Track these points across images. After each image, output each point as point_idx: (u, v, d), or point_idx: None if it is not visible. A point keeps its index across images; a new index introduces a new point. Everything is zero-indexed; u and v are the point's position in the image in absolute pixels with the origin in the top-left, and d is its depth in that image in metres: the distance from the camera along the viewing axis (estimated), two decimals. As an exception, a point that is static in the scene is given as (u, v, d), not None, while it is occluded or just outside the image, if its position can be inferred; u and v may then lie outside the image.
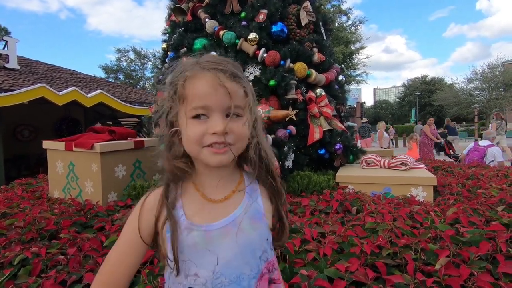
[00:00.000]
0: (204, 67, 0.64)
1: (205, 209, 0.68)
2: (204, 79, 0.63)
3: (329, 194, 2.50)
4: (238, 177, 0.73)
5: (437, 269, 1.24)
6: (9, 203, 2.62)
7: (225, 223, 0.66)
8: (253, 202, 0.70)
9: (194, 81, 0.63)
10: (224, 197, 0.69)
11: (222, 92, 0.62)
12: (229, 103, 0.62)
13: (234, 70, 0.65)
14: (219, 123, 0.61)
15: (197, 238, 0.65)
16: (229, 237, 0.66)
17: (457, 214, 1.86)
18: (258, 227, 0.69)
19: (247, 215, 0.68)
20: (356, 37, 22.02)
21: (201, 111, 0.62)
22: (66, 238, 1.75)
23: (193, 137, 0.62)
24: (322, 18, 3.59)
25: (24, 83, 6.80)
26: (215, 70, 0.63)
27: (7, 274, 1.32)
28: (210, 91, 0.62)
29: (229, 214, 0.67)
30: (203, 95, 0.62)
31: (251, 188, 0.72)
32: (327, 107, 3.17)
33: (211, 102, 0.62)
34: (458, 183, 3.03)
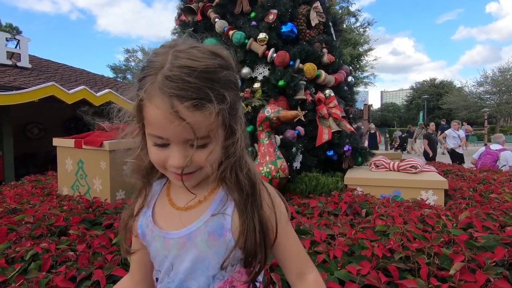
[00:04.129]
0: (162, 86, 0.50)
1: (169, 215, 0.65)
2: (157, 108, 0.51)
3: (337, 196, 2.47)
4: (214, 185, 0.65)
5: (451, 274, 1.21)
6: (19, 199, 2.65)
7: (181, 234, 0.62)
8: (219, 214, 0.61)
9: (148, 105, 0.53)
10: (187, 206, 0.64)
11: (179, 125, 0.50)
12: (189, 136, 0.53)
13: (200, 91, 0.50)
14: (177, 158, 0.54)
15: (157, 242, 0.64)
16: (184, 250, 0.62)
17: (470, 219, 1.82)
18: (215, 244, 0.60)
19: (206, 229, 0.61)
20: (364, 39, 21.89)
21: (158, 141, 0.55)
22: (75, 234, 1.76)
23: (155, 162, 0.58)
24: (332, 18, 3.57)
25: (35, 82, 6.91)
26: (172, 96, 0.50)
27: (17, 268, 1.33)
28: (164, 122, 0.51)
29: (187, 226, 0.62)
30: (158, 126, 0.53)
31: (223, 199, 0.63)
32: (336, 108, 3.15)
33: (167, 134, 0.53)
34: (470, 187, 2.97)
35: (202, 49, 0.54)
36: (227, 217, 0.61)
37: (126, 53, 32.14)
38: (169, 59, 0.52)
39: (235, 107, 0.57)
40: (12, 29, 27.77)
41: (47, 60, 9.93)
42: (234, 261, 0.62)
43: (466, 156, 7.75)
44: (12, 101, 5.69)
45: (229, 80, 0.55)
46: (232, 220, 0.61)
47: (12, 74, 7.06)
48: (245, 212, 0.59)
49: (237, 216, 0.60)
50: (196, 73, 0.50)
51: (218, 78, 0.52)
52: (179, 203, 0.65)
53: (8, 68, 7.33)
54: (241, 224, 0.59)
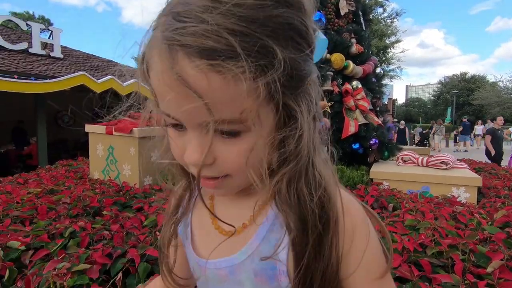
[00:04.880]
0: (164, 30, 0.32)
1: (207, 233, 0.49)
2: (155, 67, 0.33)
3: (363, 189, 2.43)
4: (264, 196, 0.43)
5: (489, 272, 1.17)
6: (55, 181, 2.80)
7: (219, 265, 0.46)
8: (270, 248, 0.41)
9: (150, 63, 0.34)
10: (230, 231, 0.45)
11: (183, 96, 0.31)
12: (204, 116, 0.32)
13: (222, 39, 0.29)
14: (191, 149, 0.36)
15: (192, 262, 0.51)
16: (226, 283, 0.46)
17: (507, 218, 1.73)
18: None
19: (251, 266, 0.43)
20: (391, 30, 21.05)
21: (170, 121, 0.37)
22: (108, 215, 1.84)
23: (173, 153, 0.41)
24: (361, 7, 3.45)
25: (66, 71, 7.22)
26: (174, 45, 0.30)
27: (59, 243, 1.42)
28: (164, 91, 0.33)
29: (228, 255, 0.45)
30: (159, 95, 0.35)
31: (276, 223, 0.42)
32: (364, 100, 3.07)
33: (172, 110, 0.35)
34: (505, 186, 2.83)
35: None
36: (282, 252, 0.41)
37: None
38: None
39: (297, 76, 0.34)
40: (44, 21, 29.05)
41: (77, 50, 10.32)
42: None
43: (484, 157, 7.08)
44: (46, 89, 5.99)
45: (289, 25, 0.32)
46: (288, 257, 0.40)
47: (45, 63, 7.41)
48: (304, 254, 0.38)
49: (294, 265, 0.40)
50: (222, 7, 0.29)
51: (266, 18, 0.30)
52: (223, 216, 0.44)
53: (42, 58, 7.69)
54: (296, 269, 0.39)
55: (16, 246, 1.37)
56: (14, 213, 1.80)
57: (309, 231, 0.38)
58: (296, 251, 0.39)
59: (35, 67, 6.85)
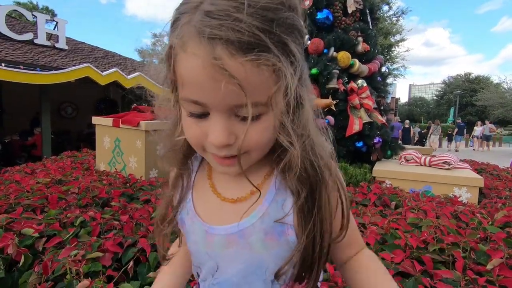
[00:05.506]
0: (200, 26, 0.36)
1: (212, 205, 0.53)
2: (194, 58, 0.37)
3: (366, 187, 2.46)
4: (267, 168, 0.51)
5: (489, 269, 1.20)
6: (63, 172, 2.85)
7: (230, 230, 0.50)
8: (277, 209, 0.49)
9: (181, 54, 0.38)
10: (237, 198, 0.51)
11: (223, 83, 0.36)
12: (237, 100, 0.38)
13: (255, 34, 0.35)
14: (218, 132, 0.40)
15: (197, 236, 0.53)
16: (233, 249, 0.50)
17: (508, 218, 1.76)
18: (274, 246, 0.49)
19: (262, 226, 0.49)
20: (396, 28, 20.91)
21: (195, 108, 0.41)
22: (117, 206, 1.89)
23: (191, 139, 0.45)
24: (369, 6, 3.45)
25: (71, 63, 7.24)
26: (215, 39, 0.35)
27: (71, 232, 1.46)
28: (203, 79, 0.37)
29: (238, 221, 0.49)
30: (194, 85, 0.38)
31: (281, 188, 0.50)
32: (368, 99, 3.09)
33: (207, 97, 0.39)
34: (506, 187, 2.86)
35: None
36: (288, 211, 0.48)
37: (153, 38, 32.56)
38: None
39: (301, 66, 0.42)
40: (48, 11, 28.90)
41: (82, 42, 10.33)
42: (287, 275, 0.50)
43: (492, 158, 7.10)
44: (51, 80, 6.02)
45: (294, 26, 0.40)
46: (295, 214, 0.48)
47: (51, 54, 7.43)
48: (307, 212, 0.46)
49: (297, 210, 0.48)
50: (250, 9, 0.35)
51: (280, 19, 0.37)
52: (225, 192, 0.52)
53: (47, 49, 7.71)
54: (301, 226, 0.47)
55: (30, 233, 1.42)
56: (25, 201, 1.84)
57: (313, 194, 0.46)
58: (304, 210, 0.46)
59: (41, 58, 6.87)
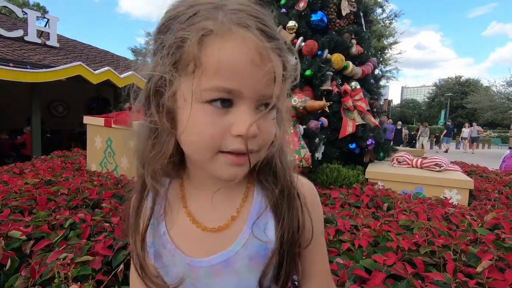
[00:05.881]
0: (237, 18, 0.38)
1: (192, 237, 0.50)
2: (241, 44, 0.37)
3: (359, 189, 2.47)
4: (243, 190, 0.51)
5: (479, 271, 1.22)
6: (52, 172, 2.79)
7: (215, 261, 0.48)
8: (260, 233, 0.48)
9: (220, 42, 0.37)
10: (218, 227, 0.49)
11: (265, 69, 0.38)
12: (267, 90, 0.40)
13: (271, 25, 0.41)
14: (249, 121, 0.39)
15: (180, 269, 0.50)
16: (220, 278, 0.49)
17: (497, 220, 1.79)
18: (259, 269, 0.49)
19: (246, 253, 0.48)
20: (389, 31, 21.14)
21: (225, 95, 0.39)
22: (108, 208, 1.86)
23: (208, 137, 0.40)
24: (363, 8, 3.48)
25: (62, 61, 7.12)
26: (259, 30, 0.38)
27: (60, 234, 1.43)
28: (250, 65, 0.38)
29: (221, 251, 0.48)
30: (236, 71, 0.38)
31: (260, 210, 0.49)
32: (362, 101, 3.11)
33: (244, 84, 0.38)
34: (495, 189, 2.91)
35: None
36: (269, 233, 0.49)
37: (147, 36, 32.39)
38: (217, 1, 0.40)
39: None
40: (40, 8, 28.43)
41: (74, 40, 10.17)
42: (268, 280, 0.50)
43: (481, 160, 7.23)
44: (42, 78, 5.91)
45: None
46: (275, 233, 0.48)
47: (41, 52, 7.29)
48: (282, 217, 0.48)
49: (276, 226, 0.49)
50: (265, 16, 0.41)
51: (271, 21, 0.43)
52: (204, 220, 0.50)
53: (38, 46, 7.57)
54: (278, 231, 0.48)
55: (17, 236, 1.38)
56: (13, 203, 1.80)
57: (285, 197, 0.48)
58: (277, 214, 0.48)
59: (31, 55, 6.74)
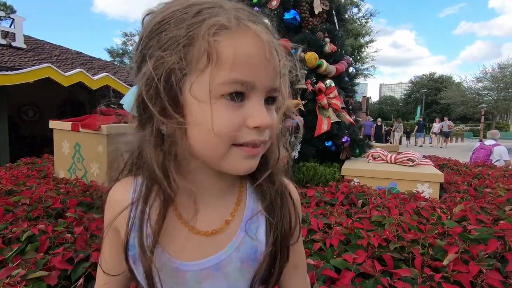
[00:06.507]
0: (243, 16, 0.40)
1: (181, 239, 0.47)
2: (255, 38, 0.40)
3: (334, 187, 2.49)
4: (236, 193, 0.51)
5: (445, 264, 1.24)
6: (16, 180, 2.63)
7: (205, 265, 0.47)
8: (252, 235, 0.49)
9: (234, 37, 0.39)
10: (212, 230, 0.48)
11: (274, 63, 0.42)
12: (274, 83, 0.43)
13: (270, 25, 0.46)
14: (264, 112, 0.41)
15: (165, 274, 0.47)
16: (209, 282, 0.48)
17: (464, 212, 1.84)
18: (250, 271, 0.49)
19: (238, 256, 0.48)
20: (366, 30, 21.67)
21: (240, 88, 0.40)
22: (72, 217, 1.76)
23: (226, 131, 0.40)
24: (336, 7, 3.51)
25: (30, 63, 6.77)
26: (264, 26, 0.42)
27: (15, 249, 1.33)
28: (262, 59, 0.40)
29: (213, 254, 0.47)
30: (251, 64, 0.39)
31: (253, 213, 0.50)
32: (336, 99, 3.13)
33: (259, 77, 0.40)
34: (464, 182, 3.01)
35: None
36: (261, 236, 0.49)
37: (123, 37, 31.47)
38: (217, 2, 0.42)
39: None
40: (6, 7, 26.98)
41: (43, 41, 9.70)
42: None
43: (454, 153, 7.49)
44: (7, 81, 5.58)
45: None
46: (266, 236, 0.49)
47: (6, 54, 6.90)
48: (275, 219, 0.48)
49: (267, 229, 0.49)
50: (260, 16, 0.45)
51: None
52: (201, 224, 0.48)
53: (2, 48, 7.16)
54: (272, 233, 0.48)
55: (-34, 253, 1.28)
56: (-34, 216, 1.66)
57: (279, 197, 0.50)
58: (270, 215, 0.48)
59: (-5, 57, 6.36)
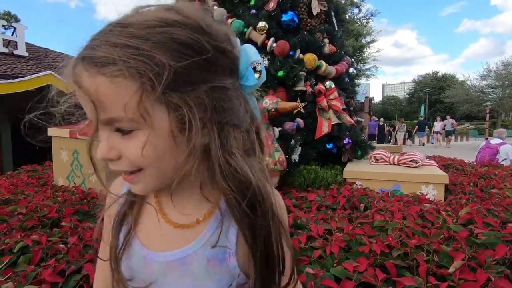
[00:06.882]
0: (78, 53, 0.40)
1: (154, 229, 0.51)
2: (65, 79, 0.42)
3: (336, 190, 2.43)
4: (214, 198, 0.51)
5: (451, 272, 1.18)
6: (14, 189, 2.61)
7: (170, 257, 0.49)
8: (221, 235, 0.49)
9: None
10: (181, 224, 0.50)
11: (83, 97, 0.39)
12: (95, 115, 0.39)
13: (108, 47, 0.37)
14: (100, 146, 0.43)
15: (134, 262, 0.50)
16: (174, 277, 0.49)
17: (470, 215, 1.78)
18: (216, 272, 0.49)
19: (204, 253, 0.49)
20: (367, 30, 21.60)
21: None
22: (67, 226, 1.72)
23: (98, 157, 0.46)
24: (334, 8, 3.46)
25: (32, 70, 6.82)
26: (78, 59, 0.39)
27: (6, 261, 1.30)
28: (80, 98, 0.41)
29: (180, 247, 0.49)
30: (82, 104, 0.43)
31: (225, 213, 0.50)
32: (337, 100, 3.08)
33: (87, 114, 0.42)
34: (470, 182, 2.93)
35: (146, 5, 0.43)
36: (231, 237, 0.49)
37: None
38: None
39: (184, 80, 0.39)
40: (10, 17, 27.36)
41: (45, 48, 9.78)
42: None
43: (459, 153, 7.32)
44: (9, 90, 5.62)
45: (177, 40, 0.38)
46: (237, 241, 0.49)
47: (8, 62, 6.96)
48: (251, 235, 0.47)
49: (240, 236, 0.48)
50: (112, 27, 0.38)
51: (149, 34, 0.37)
52: (170, 214, 0.51)
53: (4, 56, 7.22)
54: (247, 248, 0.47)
55: (-45, 266, 1.25)
56: (-41, 227, 1.64)
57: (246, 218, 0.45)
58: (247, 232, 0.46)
59: (-3, 66, 6.42)
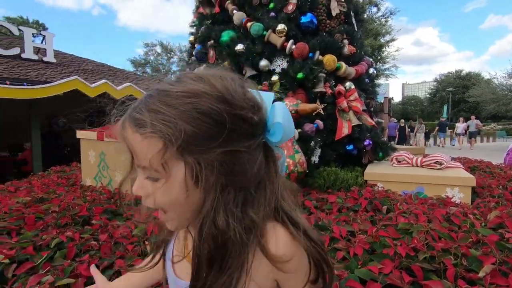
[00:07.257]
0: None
1: (184, 260, 0.59)
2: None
3: (357, 192, 2.41)
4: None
5: (481, 277, 1.15)
6: (46, 188, 2.76)
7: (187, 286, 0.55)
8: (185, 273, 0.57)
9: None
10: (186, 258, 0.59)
11: (126, 146, 0.50)
12: (132, 160, 0.51)
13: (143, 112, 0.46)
14: (135, 184, 0.51)
15: (170, 278, 0.61)
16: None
17: (501, 218, 1.71)
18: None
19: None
20: (386, 29, 21.12)
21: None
22: (98, 224, 1.81)
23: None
24: (353, 8, 3.44)
25: (59, 76, 7.16)
26: (126, 117, 0.49)
27: (44, 256, 1.39)
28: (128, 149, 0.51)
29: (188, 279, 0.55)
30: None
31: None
32: (357, 101, 3.05)
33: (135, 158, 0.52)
34: (499, 185, 2.82)
35: (186, 74, 0.50)
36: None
37: (145, 47, 32.64)
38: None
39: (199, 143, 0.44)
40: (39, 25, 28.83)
41: (71, 54, 10.25)
42: None
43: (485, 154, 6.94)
44: (39, 94, 5.93)
45: (199, 110, 0.44)
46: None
47: (38, 68, 7.34)
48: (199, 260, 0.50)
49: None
50: (155, 93, 0.47)
51: (178, 103, 0.45)
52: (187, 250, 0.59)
53: (35, 63, 7.62)
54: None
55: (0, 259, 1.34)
56: (1, 223, 1.76)
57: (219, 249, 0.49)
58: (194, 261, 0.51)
59: (28, 72, 6.78)
